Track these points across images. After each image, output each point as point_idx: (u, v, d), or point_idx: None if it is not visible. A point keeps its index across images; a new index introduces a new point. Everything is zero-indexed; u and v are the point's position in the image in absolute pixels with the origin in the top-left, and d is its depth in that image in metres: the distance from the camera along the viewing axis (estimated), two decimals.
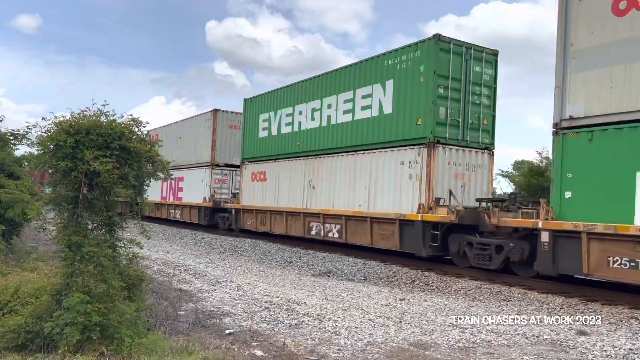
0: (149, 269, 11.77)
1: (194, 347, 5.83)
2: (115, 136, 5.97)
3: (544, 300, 10.59)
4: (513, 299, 10.86)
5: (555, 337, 7.57)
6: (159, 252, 17.53)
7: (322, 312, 8.55)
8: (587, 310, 9.72)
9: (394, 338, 7.18)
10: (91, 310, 5.42)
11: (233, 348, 6.28)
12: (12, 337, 5.61)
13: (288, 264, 16.80)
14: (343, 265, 15.58)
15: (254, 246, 20.29)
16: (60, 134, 5.78)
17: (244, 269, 14.84)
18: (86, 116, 6.08)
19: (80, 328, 5.37)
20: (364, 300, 10.15)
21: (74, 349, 5.33)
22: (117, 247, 6.38)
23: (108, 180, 5.73)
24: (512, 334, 7.64)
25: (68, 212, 5.96)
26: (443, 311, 9.36)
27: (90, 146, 5.81)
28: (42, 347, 5.56)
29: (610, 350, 6.91)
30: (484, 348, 6.90)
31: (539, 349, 6.95)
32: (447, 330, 7.79)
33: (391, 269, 14.51)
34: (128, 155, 6.07)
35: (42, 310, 5.73)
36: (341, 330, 7.43)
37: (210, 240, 22.93)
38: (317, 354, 6.25)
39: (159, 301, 8.38)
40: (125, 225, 6.50)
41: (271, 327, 7.47)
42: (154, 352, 5.41)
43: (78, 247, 5.67)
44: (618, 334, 7.96)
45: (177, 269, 12.57)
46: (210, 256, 17.99)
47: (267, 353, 6.18)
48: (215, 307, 8.57)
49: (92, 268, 5.63)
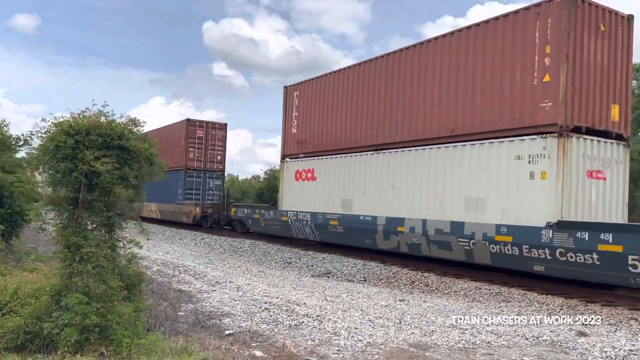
0: (148, 269, 11.75)
1: (193, 348, 5.82)
2: (115, 136, 5.96)
3: (544, 301, 10.59)
4: (513, 300, 10.86)
5: (555, 338, 7.57)
6: (159, 252, 17.52)
7: (322, 312, 8.54)
8: (587, 311, 9.73)
9: (393, 339, 7.17)
10: (89, 311, 5.41)
11: (233, 349, 6.27)
12: (11, 337, 5.60)
13: (288, 264, 16.79)
14: (343, 266, 15.57)
15: (253, 247, 20.28)
16: (60, 135, 5.76)
17: (244, 269, 14.83)
18: (86, 116, 6.07)
19: (79, 329, 5.36)
20: (363, 301, 10.14)
21: (73, 349, 5.32)
22: (116, 248, 6.37)
23: (109, 180, 5.73)
24: (511, 335, 7.64)
25: (68, 213, 5.95)
26: (443, 312, 9.35)
27: (91, 146, 5.80)
28: (41, 348, 5.54)
29: (610, 351, 6.91)
30: (484, 349, 6.90)
31: (538, 349, 6.94)
32: (447, 331, 7.79)
33: (391, 269, 14.50)
34: (128, 155, 6.07)
35: (41, 311, 5.72)
36: (341, 331, 7.42)
37: (210, 240, 22.92)
38: (316, 354, 6.24)
39: (159, 302, 8.37)
40: (124, 226, 6.49)
41: (271, 327, 7.46)
42: (154, 352, 5.40)
43: (77, 248, 5.66)
44: (618, 335, 7.96)
45: (176, 270, 12.56)
46: (209, 257, 17.98)
47: (266, 354, 6.17)
48: (214, 308, 8.56)
49: (91, 268, 5.62)
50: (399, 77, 15.30)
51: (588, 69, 11.59)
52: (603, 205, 11.83)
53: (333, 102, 17.95)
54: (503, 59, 12.38)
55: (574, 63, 11.27)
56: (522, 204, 11.69)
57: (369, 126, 16.21)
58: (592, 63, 11.65)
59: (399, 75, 15.33)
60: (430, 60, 14.33)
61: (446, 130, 13.64)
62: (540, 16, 11.65)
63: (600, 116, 11.84)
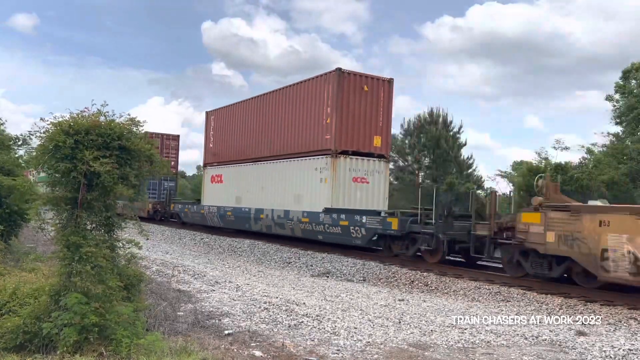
0: (147, 269, 11.75)
1: (192, 348, 5.81)
2: (114, 136, 5.94)
3: (543, 300, 10.59)
4: (512, 300, 10.87)
5: (554, 337, 7.57)
6: (158, 252, 17.51)
7: (321, 312, 8.54)
8: (586, 311, 9.73)
9: (393, 338, 7.17)
10: (89, 311, 5.41)
11: (232, 348, 6.26)
12: (10, 337, 5.59)
13: (287, 264, 16.79)
14: (342, 265, 15.57)
15: (252, 247, 20.28)
16: (60, 135, 5.73)
17: (243, 269, 14.83)
18: (85, 116, 6.05)
19: (78, 328, 5.35)
20: (363, 300, 10.14)
21: (73, 349, 5.31)
22: (115, 248, 6.36)
23: (109, 180, 5.71)
24: (511, 335, 7.64)
25: (67, 213, 5.94)
26: (442, 312, 9.35)
27: (90, 146, 5.78)
28: (40, 348, 5.54)
29: (609, 351, 6.91)
30: (483, 348, 6.90)
31: (538, 349, 6.95)
32: (447, 330, 7.79)
33: (390, 269, 14.50)
34: (128, 155, 6.06)
35: (40, 311, 5.71)
36: (340, 330, 7.42)
37: (209, 240, 22.92)
38: (316, 354, 6.24)
39: (158, 302, 8.35)
40: (124, 226, 6.48)
41: (270, 327, 7.46)
42: (153, 352, 5.39)
43: (76, 248, 5.65)
44: (617, 335, 7.97)
45: (175, 270, 12.55)
46: (209, 257, 17.98)
47: (266, 353, 6.16)
48: (214, 308, 8.56)
49: (90, 268, 5.61)
50: (264, 113, 22.09)
51: (354, 115, 18.02)
52: (367, 199, 18.39)
53: (233, 126, 24.69)
54: (309, 107, 19.06)
55: (341, 112, 17.71)
56: (316, 198, 18.30)
57: (252, 144, 22.80)
58: (357, 111, 18.09)
59: (263, 111, 22.15)
60: (274, 104, 21.35)
61: (284, 150, 20.49)
62: (326, 82, 18.21)
63: (365, 143, 18.38)
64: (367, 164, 18.42)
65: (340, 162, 17.67)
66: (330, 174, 17.55)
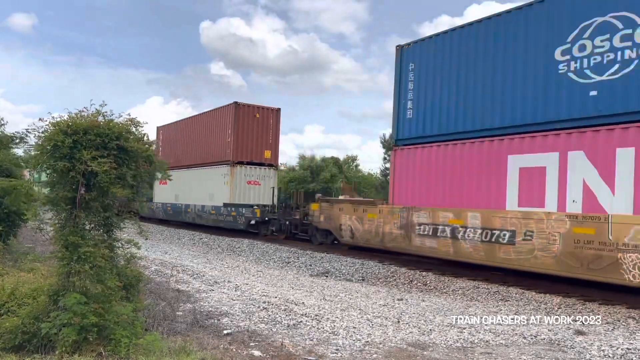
0: (146, 269, 11.75)
1: (191, 348, 5.81)
2: (113, 136, 5.93)
3: (542, 299, 10.61)
4: (511, 299, 10.88)
5: (553, 336, 7.58)
6: (157, 252, 17.51)
7: (320, 312, 8.54)
8: (585, 310, 9.75)
9: (392, 338, 7.18)
10: (87, 311, 5.40)
11: (231, 348, 6.26)
12: (9, 337, 5.58)
13: (286, 264, 16.79)
14: (341, 265, 15.58)
15: (251, 246, 20.28)
16: (58, 134, 5.73)
17: (242, 269, 14.83)
18: (84, 116, 6.04)
19: (77, 329, 5.34)
20: (362, 300, 10.15)
21: (71, 349, 5.31)
22: (114, 248, 6.36)
23: (105, 180, 5.70)
24: (510, 334, 7.65)
25: (65, 213, 5.92)
26: (441, 311, 9.36)
27: (88, 146, 5.77)
28: (39, 348, 5.53)
29: (607, 350, 6.92)
30: (482, 348, 6.91)
31: (536, 348, 6.96)
32: (445, 330, 7.79)
33: (389, 269, 14.51)
34: (126, 155, 6.05)
35: (39, 311, 5.71)
36: (339, 330, 7.42)
37: (208, 240, 22.92)
38: (315, 354, 6.24)
39: (157, 301, 8.35)
40: (122, 226, 6.47)
41: (269, 327, 7.46)
42: (152, 352, 5.39)
43: (75, 248, 5.64)
44: (616, 334, 7.98)
45: (174, 270, 12.55)
46: (208, 256, 17.97)
47: (265, 353, 6.17)
48: (213, 308, 8.56)
49: (88, 268, 5.61)
50: (191, 131, 29.66)
51: (248, 136, 25.19)
52: (259, 196, 25.24)
53: (174, 139, 31.67)
54: (217, 129, 26.61)
55: (237, 133, 24.91)
56: (221, 196, 25.32)
57: (184, 154, 29.86)
58: (250, 132, 25.28)
59: (190, 130, 29.80)
60: (196, 125, 29.12)
61: (202, 160, 27.89)
62: (227, 112, 25.61)
63: (257, 155, 25.53)
64: (259, 171, 25.57)
65: (237, 170, 24.93)
66: (230, 179, 24.77)
